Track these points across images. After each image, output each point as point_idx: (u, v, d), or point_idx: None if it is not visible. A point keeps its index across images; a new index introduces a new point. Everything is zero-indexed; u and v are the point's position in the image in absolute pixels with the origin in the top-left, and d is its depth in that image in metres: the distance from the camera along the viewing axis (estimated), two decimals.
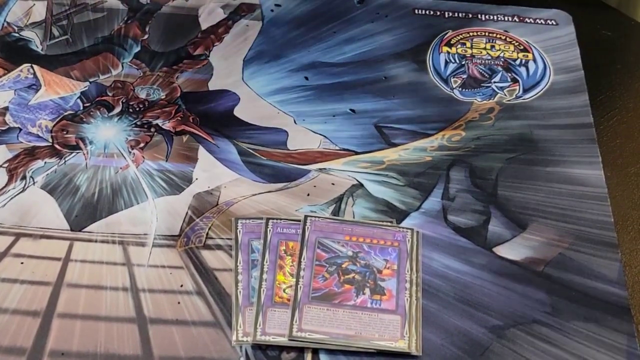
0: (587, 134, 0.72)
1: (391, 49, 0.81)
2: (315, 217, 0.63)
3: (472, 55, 0.81)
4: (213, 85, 0.77)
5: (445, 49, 0.81)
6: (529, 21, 0.85)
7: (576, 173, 0.69)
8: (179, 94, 0.76)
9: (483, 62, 0.80)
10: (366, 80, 0.78)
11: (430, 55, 0.80)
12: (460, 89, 0.77)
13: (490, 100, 0.76)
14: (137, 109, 0.74)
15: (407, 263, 0.60)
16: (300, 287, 0.58)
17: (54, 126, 0.72)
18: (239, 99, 0.75)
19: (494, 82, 0.78)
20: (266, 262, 0.60)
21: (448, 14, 0.86)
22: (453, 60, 0.80)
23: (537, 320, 0.58)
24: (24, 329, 0.56)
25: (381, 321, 0.57)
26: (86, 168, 0.68)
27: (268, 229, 0.62)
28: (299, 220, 0.62)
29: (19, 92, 0.75)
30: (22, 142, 0.70)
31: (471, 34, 0.83)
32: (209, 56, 0.80)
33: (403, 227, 0.63)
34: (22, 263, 0.60)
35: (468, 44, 0.82)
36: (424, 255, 0.61)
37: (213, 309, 0.58)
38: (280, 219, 0.63)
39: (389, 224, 0.63)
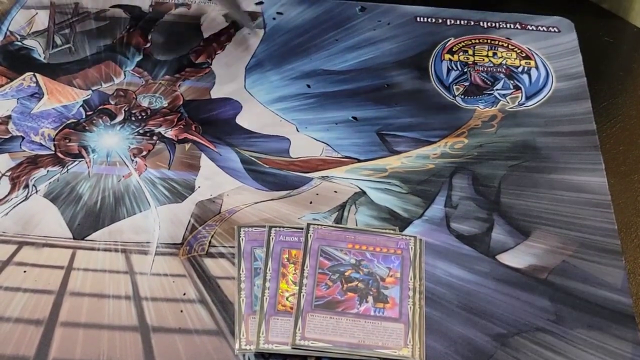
0: (590, 141, 0.72)
1: (393, 56, 0.81)
2: (318, 225, 0.62)
3: (475, 63, 0.81)
4: (215, 93, 0.77)
5: (447, 56, 0.81)
6: (531, 28, 0.85)
7: (579, 180, 0.69)
8: (181, 102, 0.76)
9: (485, 69, 0.80)
10: (368, 88, 0.78)
11: (433, 63, 0.81)
12: (462, 97, 0.77)
13: (493, 108, 0.76)
14: (140, 117, 0.74)
15: (410, 271, 0.60)
16: (303, 295, 0.58)
17: (56, 135, 0.72)
18: (241, 107, 0.75)
19: (497, 90, 0.78)
20: (269, 270, 0.60)
21: (450, 21, 0.86)
22: (455, 68, 0.80)
23: (540, 328, 0.57)
24: (27, 338, 0.56)
25: (384, 329, 0.56)
26: (89, 176, 0.68)
27: (271, 237, 0.62)
28: (302, 228, 0.62)
29: (22, 100, 0.75)
30: (24, 151, 0.70)
31: (473, 41, 0.83)
32: (211, 64, 0.80)
33: (406, 235, 0.63)
34: (24, 271, 0.60)
35: (470, 52, 0.82)
36: (427, 263, 0.61)
37: (216, 318, 0.58)
38: (283, 227, 0.63)
39: (392, 231, 0.63)
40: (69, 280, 0.60)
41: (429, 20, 0.86)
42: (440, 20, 0.86)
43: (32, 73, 0.78)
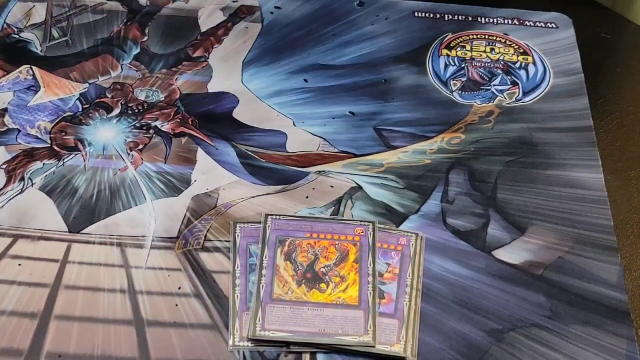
0: (587, 138, 0.72)
1: (391, 51, 0.81)
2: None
3: (472, 58, 0.81)
4: (212, 87, 0.77)
5: (445, 52, 0.81)
6: (529, 24, 0.85)
7: (576, 176, 0.69)
8: (178, 96, 0.76)
9: (483, 65, 0.80)
10: (366, 83, 0.77)
11: (430, 58, 0.80)
12: (460, 92, 0.77)
13: (490, 104, 0.76)
14: (136, 110, 0.74)
15: (409, 268, 0.60)
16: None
17: (53, 128, 0.72)
18: (239, 101, 0.75)
19: (494, 85, 0.78)
20: (265, 258, 0.60)
21: (448, 17, 0.86)
22: (453, 63, 0.80)
23: (536, 324, 0.57)
24: (22, 331, 0.56)
25: (378, 325, 0.56)
26: (85, 170, 0.68)
27: (267, 225, 0.62)
28: (299, 217, 0.62)
29: (18, 93, 0.75)
30: (21, 144, 0.70)
31: (471, 37, 0.83)
32: (208, 58, 0.80)
33: (408, 232, 0.63)
34: (20, 265, 0.60)
35: (468, 47, 0.82)
36: (424, 259, 0.61)
37: (211, 312, 0.58)
38: (280, 216, 0.63)
39: (393, 227, 0.63)
40: (64, 274, 0.59)
41: (427, 15, 0.86)
42: (438, 16, 0.86)
43: (29, 66, 0.78)
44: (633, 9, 0.91)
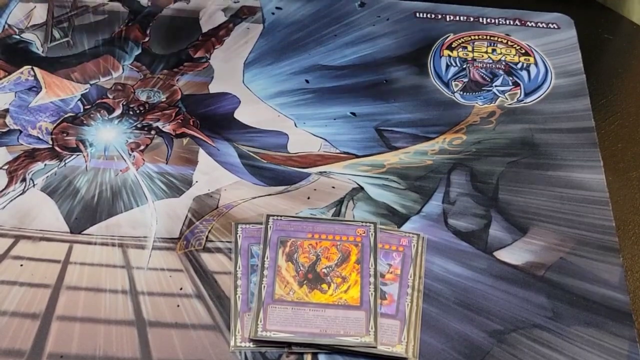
0: (589, 138, 0.72)
1: (392, 52, 0.81)
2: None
3: (474, 59, 0.81)
4: (213, 88, 0.77)
5: (446, 52, 0.81)
6: (530, 25, 0.85)
7: (577, 177, 0.69)
8: (179, 97, 0.76)
9: (484, 65, 0.80)
10: (367, 84, 0.77)
11: (432, 59, 0.80)
12: (461, 93, 0.77)
13: (492, 104, 0.76)
14: (138, 111, 0.74)
15: (410, 268, 0.60)
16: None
17: (54, 128, 0.72)
18: (240, 101, 0.75)
19: (495, 86, 0.78)
20: (266, 258, 0.60)
21: (449, 17, 0.86)
22: (454, 64, 0.80)
23: (537, 324, 0.57)
24: (23, 331, 0.56)
25: (379, 325, 0.56)
26: (86, 170, 0.68)
27: (268, 226, 0.62)
28: (300, 218, 0.62)
29: (20, 94, 0.75)
30: (22, 144, 0.70)
31: (472, 37, 0.83)
32: (209, 59, 0.80)
33: (409, 232, 0.63)
34: (21, 265, 0.60)
35: (469, 48, 0.82)
36: (425, 260, 0.61)
37: (212, 312, 0.58)
38: (281, 216, 0.63)
39: (394, 228, 0.63)
40: (66, 274, 0.60)
41: (428, 16, 0.86)
42: (439, 16, 0.86)
43: (30, 66, 0.78)
44: (633, 9, 0.91)
